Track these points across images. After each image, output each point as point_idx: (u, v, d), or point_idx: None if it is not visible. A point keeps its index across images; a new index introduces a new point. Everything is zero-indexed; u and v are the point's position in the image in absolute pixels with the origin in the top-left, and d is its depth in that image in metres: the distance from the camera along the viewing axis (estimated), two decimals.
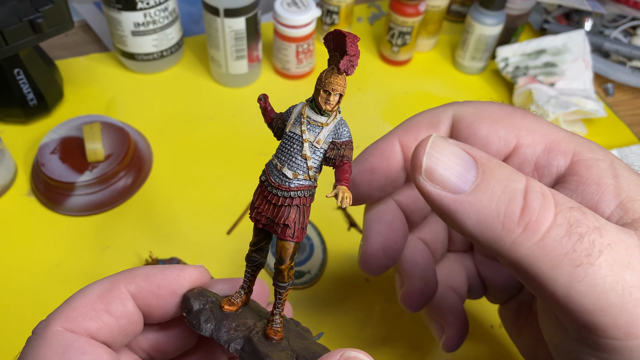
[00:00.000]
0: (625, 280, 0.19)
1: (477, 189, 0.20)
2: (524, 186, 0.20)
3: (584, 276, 0.19)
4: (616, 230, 0.20)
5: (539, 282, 0.20)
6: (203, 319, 0.24)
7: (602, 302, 0.19)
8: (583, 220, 0.19)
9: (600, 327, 0.19)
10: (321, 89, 0.22)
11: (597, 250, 0.19)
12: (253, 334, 0.24)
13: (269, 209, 0.25)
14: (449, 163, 0.21)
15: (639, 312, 0.19)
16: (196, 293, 0.25)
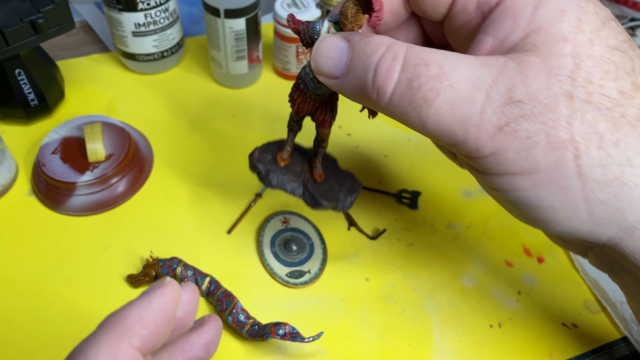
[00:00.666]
0: (464, 112, 0.24)
1: (347, 71, 0.26)
2: (379, 56, 0.25)
3: (426, 117, 0.24)
4: (470, 68, 0.24)
5: (408, 125, 0.26)
6: (272, 177, 0.36)
7: (449, 134, 0.25)
8: (424, 72, 0.24)
9: (462, 152, 0.25)
10: (347, 23, 0.27)
11: (434, 95, 0.24)
12: (306, 181, 0.37)
13: (309, 107, 0.33)
14: (327, 58, 0.27)
15: (481, 133, 0.24)
16: (257, 158, 0.36)
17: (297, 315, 0.40)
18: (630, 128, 0.24)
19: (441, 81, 0.24)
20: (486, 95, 0.24)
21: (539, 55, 0.24)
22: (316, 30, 0.29)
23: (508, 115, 0.24)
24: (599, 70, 0.24)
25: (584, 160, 0.24)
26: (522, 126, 0.24)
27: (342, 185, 0.38)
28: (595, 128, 0.23)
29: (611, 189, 0.24)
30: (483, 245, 0.45)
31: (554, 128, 0.23)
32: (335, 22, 0.28)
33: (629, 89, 0.24)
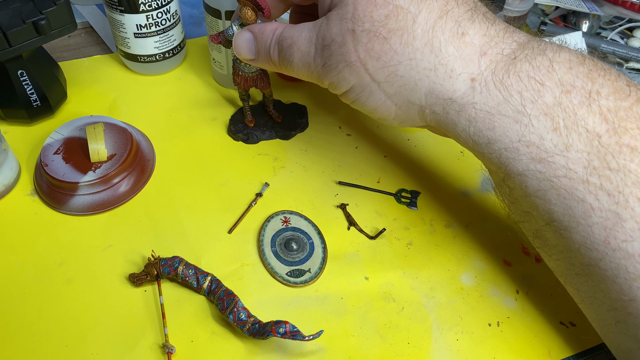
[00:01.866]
0: (308, 62, 0.38)
1: (257, 54, 0.41)
2: (269, 42, 0.39)
3: (295, 72, 0.39)
4: (308, 31, 0.36)
5: (290, 75, 0.41)
6: (252, 137, 0.52)
7: (310, 77, 0.39)
8: (284, 44, 0.38)
9: (322, 86, 0.39)
10: (249, 22, 0.41)
11: (292, 57, 0.38)
12: (273, 125, 0.52)
13: (250, 82, 0.48)
14: (243, 48, 0.41)
15: (319, 72, 0.37)
16: (234, 130, 0.52)
17: (297, 314, 0.40)
18: (392, 38, 0.33)
19: (292, 48, 0.37)
20: (314, 47, 0.36)
21: (336, 9, 0.35)
22: (230, 34, 0.44)
23: (324, 56, 0.36)
24: (370, 6, 0.33)
25: (370, 69, 0.34)
26: (332, 60, 0.35)
27: (295, 114, 0.53)
28: (370, 46, 0.34)
29: (395, 83, 0.34)
30: (482, 245, 0.45)
31: (346, 55, 0.35)
32: (240, 24, 0.43)
33: (391, 11, 0.33)
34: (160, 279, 0.41)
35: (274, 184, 0.49)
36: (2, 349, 0.38)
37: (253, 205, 0.47)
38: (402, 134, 0.54)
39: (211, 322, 0.40)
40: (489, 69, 0.33)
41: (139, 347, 0.38)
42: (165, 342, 0.38)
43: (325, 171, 0.50)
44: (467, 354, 0.39)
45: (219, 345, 0.39)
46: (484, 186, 0.50)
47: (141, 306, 0.40)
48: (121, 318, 0.39)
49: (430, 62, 0.33)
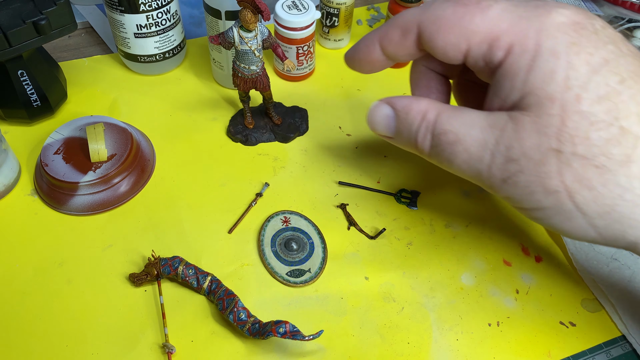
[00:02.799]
0: (477, 169, 0.31)
1: (396, 134, 0.34)
2: (417, 127, 0.33)
3: (454, 171, 0.32)
4: (480, 130, 0.30)
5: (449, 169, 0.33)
6: (251, 138, 0.51)
7: (472, 181, 0.32)
8: (445, 140, 0.31)
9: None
10: (250, 24, 0.42)
11: (454, 157, 0.31)
12: (272, 127, 0.52)
13: (250, 84, 0.48)
14: (380, 125, 0.35)
15: (493, 183, 0.30)
16: (234, 131, 0.52)
17: (297, 314, 0.40)
18: (617, 169, 0.27)
19: (457, 146, 0.30)
20: (491, 155, 0.29)
21: (531, 115, 0.28)
22: (230, 36, 0.44)
23: (509, 171, 0.29)
24: (585, 123, 0.27)
25: (578, 199, 0.28)
26: (520, 179, 0.29)
27: (295, 118, 0.53)
28: (583, 175, 0.27)
29: (609, 217, 0.28)
30: (481, 245, 0.45)
31: (546, 179, 0.28)
32: (240, 26, 0.43)
33: (614, 134, 0.27)
34: (160, 279, 0.41)
35: (274, 184, 0.49)
36: (2, 348, 0.38)
37: (253, 205, 0.47)
38: None
39: (211, 322, 0.40)
40: None
41: (139, 347, 0.38)
42: (165, 342, 0.38)
43: (325, 171, 0.50)
44: (467, 354, 0.39)
45: (219, 345, 0.39)
46: None
47: (141, 306, 0.40)
48: (121, 318, 0.40)
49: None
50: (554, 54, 0.28)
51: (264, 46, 0.45)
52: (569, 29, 0.28)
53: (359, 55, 0.37)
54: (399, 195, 0.48)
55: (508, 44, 0.29)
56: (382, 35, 0.35)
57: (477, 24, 0.30)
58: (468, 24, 0.30)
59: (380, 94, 0.58)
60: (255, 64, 0.46)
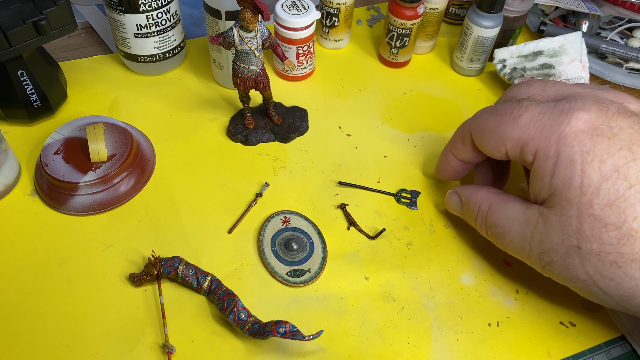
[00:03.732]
0: (521, 255, 0.38)
1: (463, 215, 0.43)
2: (475, 215, 0.41)
3: (506, 251, 0.40)
4: (519, 226, 0.36)
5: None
6: (251, 138, 0.51)
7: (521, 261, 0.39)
8: (495, 231, 0.39)
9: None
10: (250, 24, 0.42)
11: (503, 246, 0.39)
12: (272, 127, 0.52)
13: (250, 84, 0.48)
14: (452, 206, 0.45)
15: (535, 267, 0.38)
16: (234, 131, 0.52)
17: (297, 314, 0.40)
18: (629, 265, 0.32)
19: (505, 237, 0.38)
20: (529, 246, 0.36)
21: (556, 214, 0.33)
22: (230, 36, 0.44)
23: (544, 261, 0.35)
24: (598, 225, 0.32)
25: (602, 286, 0.33)
26: (554, 266, 0.35)
27: (295, 118, 0.53)
28: (601, 268, 0.32)
29: (633, 301, 0.33)
30: (481, 245, 0.45)
31: (572, 270, 0.34)
32: (241, 26, 0.43)
33: (626, 234, 0.31)
34: (160, 279, 0.41)
35: (274, 184, 0.49)
36: (3, 348, 0.38)
37: (253, 205, 0.47)
38: (402, 134, 0.54)
39: (211, 322, 0.40)
40: None
41: (139, 347, 0.38)
42: (165, 342, 0.38)
43: (325, 171, 0.50)
44: (467, 354, 0.39)
45: (219, 345, 0.39)
46: None
47: (141, 306, 0.40)
48: (121, 318, 0.40)
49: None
50: (571, 162, 0.33)
51: (264, 46, 0.45)
52: (585, 137, 0.32)
53: (442, 167, 0.46)
54: (399, 195, 0.48)
55: (535, 149, 0.35)
56: (451, 147, 0.44)
57: (509, 131, 0.36)
58: (503, 132, 0.37)
59: (379, 94, 0.58)
60: (255, 64, 0.46)
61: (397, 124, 0.55)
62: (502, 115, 0.37)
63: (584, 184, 0.32)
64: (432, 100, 0.58)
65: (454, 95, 0.59)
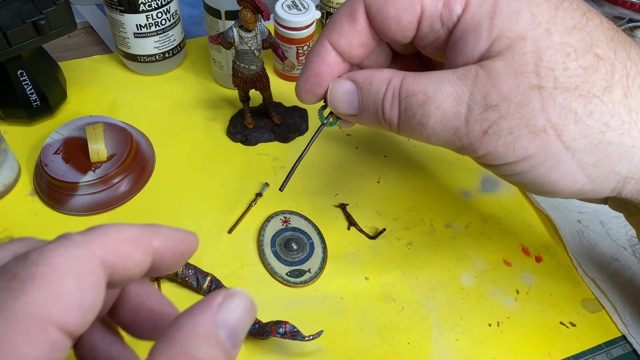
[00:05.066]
0: (454, 126, 0.28)
1: (361, 110, 0.31)
2: (382, 94, 0.30)
3: (428, 136, 0.29)
4: (450, 85, 0.27)
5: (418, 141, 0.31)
6: (251, 138, 0.51)
7: (448, 144, 0.29)
8: (414, 101, 0.29)
9: (464, 154, 0.30)
10: (249, 24, 0.42)
11: (426, 119, 0.28)
12: (272, 127, 0.52)
13: (250, 84, 0.48)
14: (342, 102, 0.32)
15: (472, 139, 0.28)
16: (234, 131, 0.51)
17: (297, 314, 0.40)
18: (599, 98, 0.26)
19: (428, 105, 0.28)
20: (467, 107, 0.27)
21: (503, 59, 0.27)
22: (230, 36, 0.44)
23: (489, 120, 0.27)
24: (560, 55, 0.26)
25: (566, 136, 0.27)
26: (503, 125, 0.27)
27: (295, 118, 0.53)
28: (568, 108, 0.26)
29: (598, 151, 0.27)
30: (481, 245, 0.45)
31: (531, 119, 0.27)
32: (240, 26, 0.43)
33: (591, 62, 0.26)
34: (159, 279, 0.41)
35: (274, 184, 0.49)
36: None
37: (253, 205, 0.47)
38: None
39: None
40: None
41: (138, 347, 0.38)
42: None
43: (325, 171, 0.50)
44: (467, 354, 0.39)
45: None
46: (484, 186, 0.50)
47: None
48: None
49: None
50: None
51: (264, 46, 0.45)
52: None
53: (312, 71, 0.32)
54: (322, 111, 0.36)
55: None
56: (329, 34, 0.31)
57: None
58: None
59: None
60: (255, 63, 0.46)
61: None
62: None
63: (536, 13, 0.27)
64: None
65: None
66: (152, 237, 0.22)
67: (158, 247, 0.22)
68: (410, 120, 0.29)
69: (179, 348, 0.18)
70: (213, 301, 0.20)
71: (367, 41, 0.31)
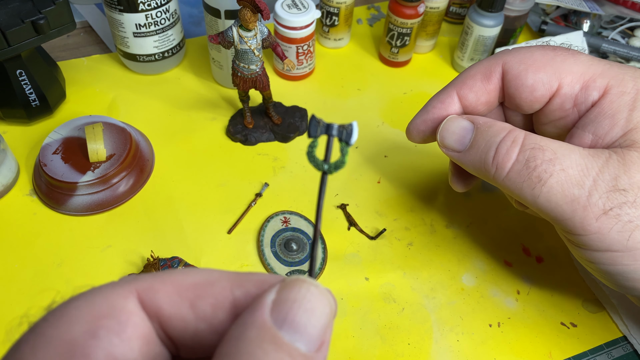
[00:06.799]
0: (574, 194, 0.27)
1: (471, 147, 0.31)
2: (500, 138, 0.29)
3: (539, 194, 0.28)
4: (580, 156, 0.27)
5: (520, 200, 0.30)
6: (250, 138, 0.51)
7: (559, 211, 0.28)
8: (539, 155, 0.28)
9: (567, 229, 0.29)
10: (249, 23, 0.42)
11: (547, 175, 0.28)
12: (272, 127, 0.52)
13: (249, 83, 0.47)
14: (453, 134, 0.31)
15: (588, 214, 0.27)
16: (233, 131, 0.51)
17: None
18: None
19: (554, 164, 0.27)
20: (593, 181, 0.27)
21: (637, 150, 0.27)
22: (229, 35, 0.44)
23: (613, 201, 0.27)
24: None
25: None
26: (625, 211, 0.27)
27: (295, 117, 0.53)
28: None
29: None
30: (482, 245, 0.45)
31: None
32: (240, 25, 0.43)
33: None
34: None
35: (274, 184, 0.48)
36: (1, 349, 0.38)
37: (253, 206, 0.47)
38: (402, 134, 0.54)
39: None
40: None
41: None
42: None
43: None
44: (468, 355, 0.39)
45: None
46: (484, 186, 0.49)
47: None
48: None
49: None
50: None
51: (264, 45, 0.45)
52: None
53: (432, 115, 0.33)
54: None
55: (604, 85, 0.29)
56: (459, 86, 0.33)
57: (569, 64, 0.30)
58: (560, 65, 0.30)
59: (379, 93, 0.58)
60: (254, 63, 0.46)
61: (398, 124, 0.55)
62: (556, 50, 0.31)
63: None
64: None
65: None
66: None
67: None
68: (527, 171, 0.28)
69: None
70: (264, 297, 0.16)
71: (493, 101, 0.32)
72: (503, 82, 0.32)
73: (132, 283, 0.17)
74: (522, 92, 0.31)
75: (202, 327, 0.17)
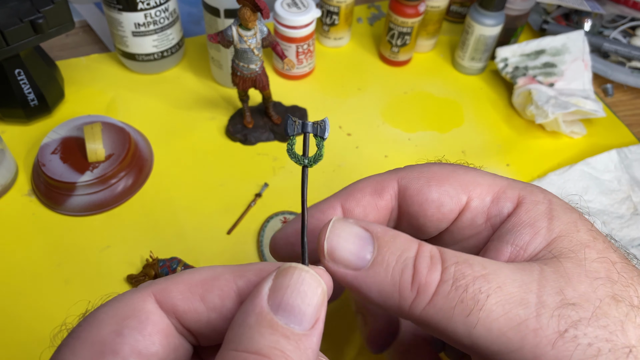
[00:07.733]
0: (519, 316, 0.21)
1: (375, 263, 0.23)
2: (415, 253, 0.22)
3: (476, 322, 0.21)
4: (510, 271, 0.22)
5: (445, 336, 0.22)
6: (250, 138, 0.51)
7: (503, 341, 0.21)
8: (468, 271, 0.22)
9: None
10: (249, 22, 0.42)
11: (484, 296, 0.21)
12: (271, 127, 0.52)
13: (249, 83, 0.48)
14: (347, 244, 0.23)
15: (541, 340, 0.21)
16: (233, 131, 0.51)
17: None
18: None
19: (489, 281, 0.22)
20: (537, 297, 0.22)
21: (570, 261, 0.23)
22: (229, 34, 0.43)
23: (566, 319, 0.21)
24: (627, 274, 0.23)
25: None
26: (582, 331, 0.21)
27: (295, 116, 0.51)
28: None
29: None
30: None
31: (613, 333, 0.21)
32: (240, 24, 0.43)
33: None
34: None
35: (274, 184, 0.48)
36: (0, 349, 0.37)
37: (252, 206, 0.46)
38: (403, 133, 0.54)
39: None
40: None
41: None
42: None
43: (325, 171, 0.50)
44: None
45: None
46: None
47: None
48: None
49: None
50: (566, 206, 0.25)
51: (263, 45, 0.45)
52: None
53: (312, 223, 0.28)
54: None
55: (516, 196, 0.26)
56: (345, 197, 0.28)
57: (475, 177, 0.27)
58: (464, 177, 0.27)
59: (379, 92, 0.58)
60: (254, 62, 0.45)
61: (398, 124, 0.54)
62: (453, 165, 0.28)
63: (592, 230, 0.25)
64: (433, 99, 0.58)
65: (456, 94, 0.59)
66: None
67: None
68: (457, 292, 0.22)
69: (231, 347, 0.17)
70: (262, 285, 0.18)
71: (382, 221, 0.28)
72: (400, 200, 0.27)
73: (148, 287, 0.20)
74: (427, 208, 0.26)
75: (214, 316, 0.20)
